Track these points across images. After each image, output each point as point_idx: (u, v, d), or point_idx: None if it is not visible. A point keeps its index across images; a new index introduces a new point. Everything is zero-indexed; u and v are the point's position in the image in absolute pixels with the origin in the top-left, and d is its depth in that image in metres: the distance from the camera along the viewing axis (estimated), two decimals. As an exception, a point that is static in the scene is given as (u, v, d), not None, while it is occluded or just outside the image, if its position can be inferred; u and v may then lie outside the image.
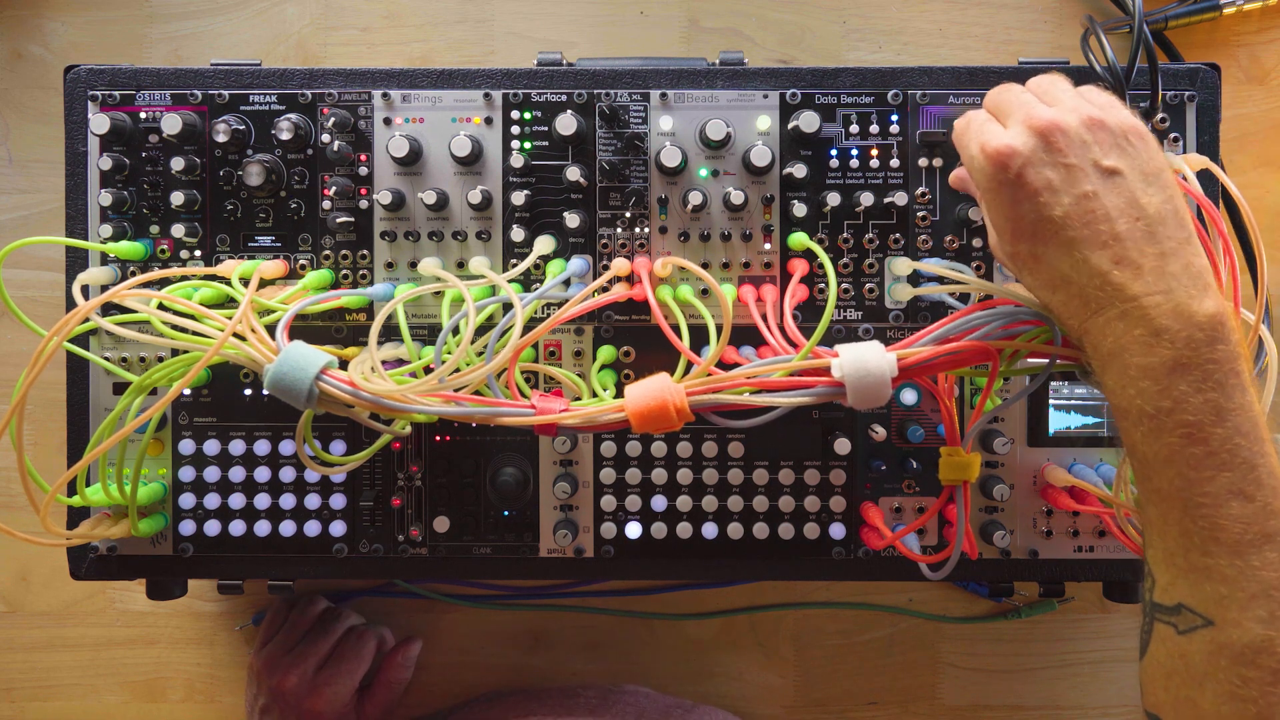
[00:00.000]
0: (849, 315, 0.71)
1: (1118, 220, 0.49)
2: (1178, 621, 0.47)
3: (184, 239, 0.70)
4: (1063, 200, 0.50)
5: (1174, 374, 0.47)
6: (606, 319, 0.71)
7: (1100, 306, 0.49)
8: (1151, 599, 0.49)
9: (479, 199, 0.69)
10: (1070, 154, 0.51)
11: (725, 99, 0.70)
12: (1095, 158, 0.51)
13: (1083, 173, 0.50)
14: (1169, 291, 0.48)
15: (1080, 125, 0.51)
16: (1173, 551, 0.47)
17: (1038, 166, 0.51)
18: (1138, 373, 0.48)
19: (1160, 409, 0.47)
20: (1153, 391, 0.47)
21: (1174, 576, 0.47)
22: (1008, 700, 0.87)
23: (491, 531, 0.72)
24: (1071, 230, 0.50)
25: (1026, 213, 0.51)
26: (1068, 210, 0.50)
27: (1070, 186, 0.50)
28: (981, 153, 0.53)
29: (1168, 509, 0.48)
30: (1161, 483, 0.48)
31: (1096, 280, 0.49)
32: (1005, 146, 0.51)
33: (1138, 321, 0.48)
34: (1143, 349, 0.48)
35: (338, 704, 0.79)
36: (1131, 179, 0.51)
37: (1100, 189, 0.50)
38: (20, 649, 0.88)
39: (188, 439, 0.71)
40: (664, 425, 0.57)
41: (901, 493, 0.71)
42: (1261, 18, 0.85)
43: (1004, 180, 0.51)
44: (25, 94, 0.87)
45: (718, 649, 0.87)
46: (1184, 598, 0.47)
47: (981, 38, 0.86)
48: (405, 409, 0.58)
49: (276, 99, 0.71)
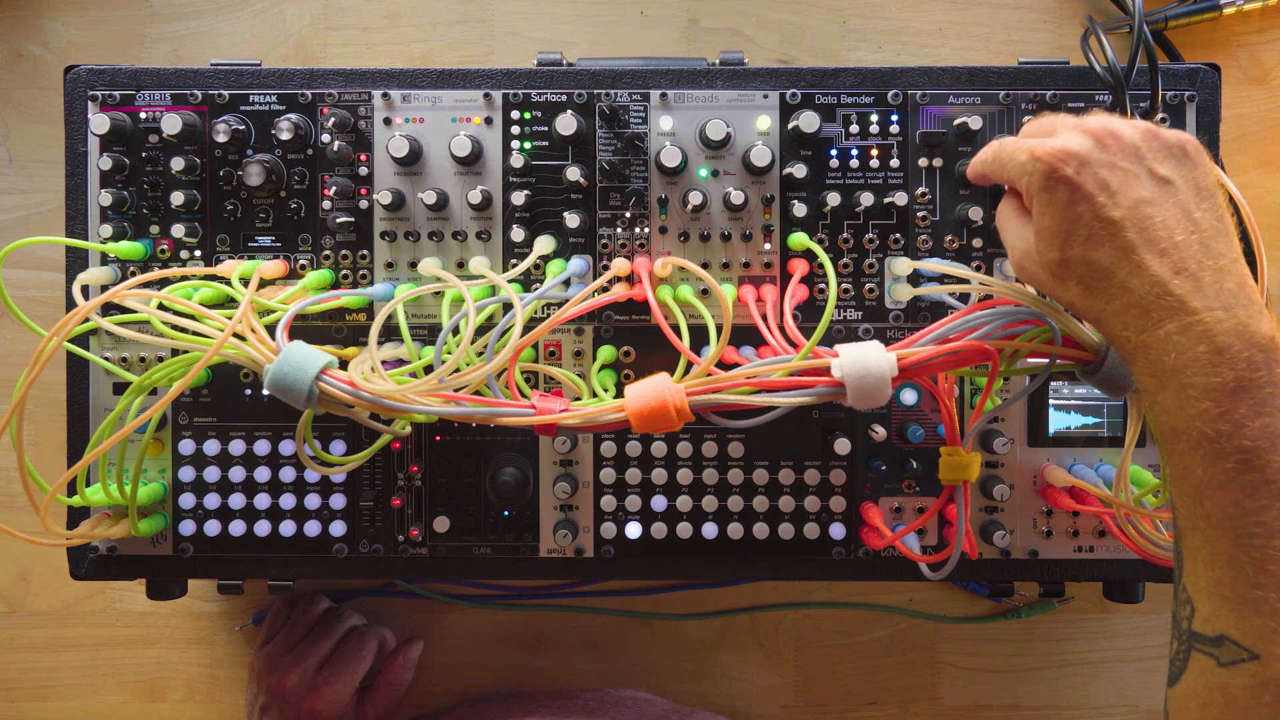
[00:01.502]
0: (849, 315, 0.71)
1: (1175, 229, 0.48)
2: (1220, 654, 0.45)
3: (184, 239, 0.70)
4: (1121, 202, 0.49)
5: (1235, 396, 0.45)
6: (606, 319, 0.71)
7: (1160, 319, 0.47)
8: (1190, 628, 0.47)
9: (479, 199, 0.69)
10: (1125, 158, 0.50)
11: (725, 99, 0.70)
12: (1150, 165, 0.50)
13: (1138, 178, 0.50)
14: (1230, 309, 0.46)
15: (1134, 132, 0.51)
16: (1219, 581, 0.46)
17: (1094, 166, 0.50)
18: (1199, 393, 0.46)
19: (1220, 432, 0.45)
20: (1213, 414, 0.45)
21: (1218, 607, 0.46)
22: (1008, 700, 0.87)
23: (491, 531, 0.72)
24: (1130, 233, 0.49)
25: (1083, 213, 0.50)
26: (1125, 212, 0.49)
27: (1127, 189, 0.49)
28: (1032, 157, 0.51)
29: (1217, 537, 0.46)
30: (1213, 509, 0.46)
31: (1156, 289, 0.48)
32: (1059, 148, 0.50)
33: (1200, 338, 0.46)
34: (1205, 368, 0.46)
35: (338, 704, 0.79)
36: (1184, 191, 0.50)
37: (1155, 196, 0.49)
38: (20, 649, 0.88)
39: (188, 439, 0.71)
40: (664, 425, 0.57)
41: (901, 493, 0.71)
42: (1261, 18, 0.85)
43: (1059, 179, 0.50)
44: (25, 94, 0.87)
45: (718, 649, 0.87)
46: (1228, 629, 0.45)
47: (981, 38, 0.86)
48: (405, 409, 0.58)
49: (276, 99, 0.71)
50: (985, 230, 0.70)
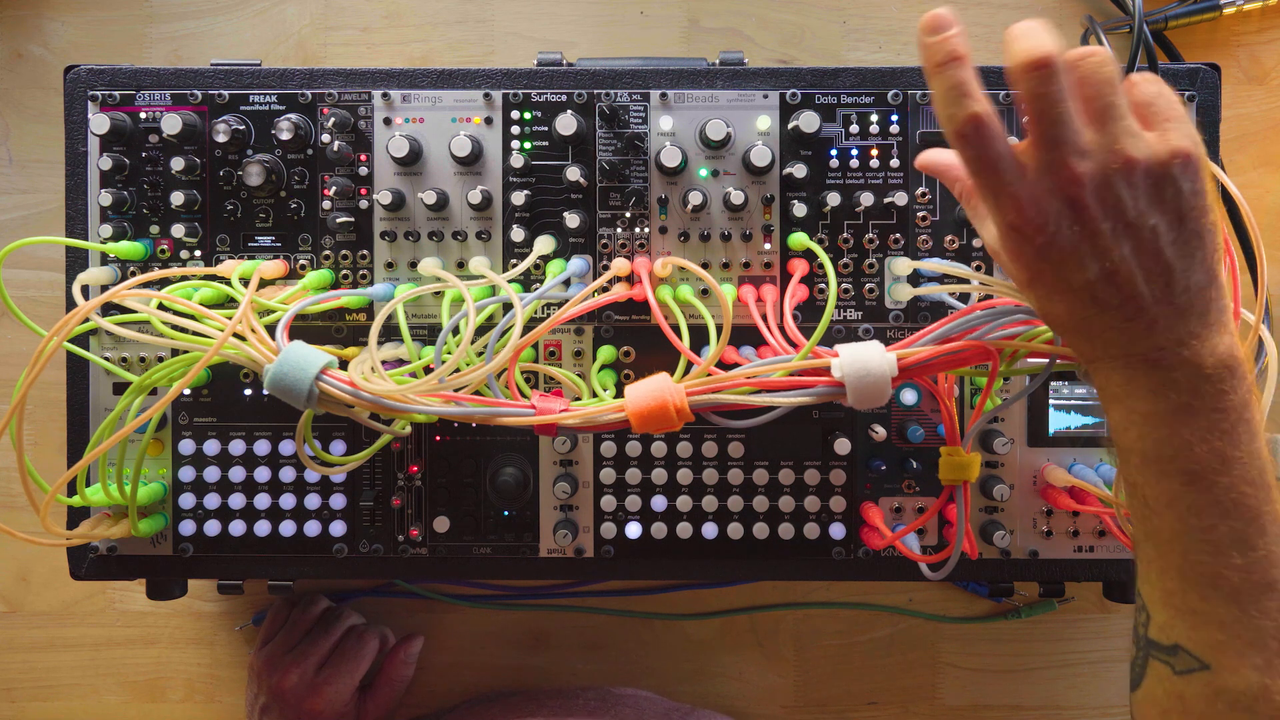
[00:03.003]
0: (849, 315, 0.71)
1: (1140, 283, 0.46)
2: (1174, 662, 0.46)
3: (184, 239, 0.70)
4: (1089, 270, 0.46)
5: (1178, 421, 0.45)
6: (606, 319, 0.71)
7: (1109, 355, 0.48)
8: (1147, 634, 0.48)
9: (479, 199, 0.69)
10: (1100, 219, 0.45)
11: (725, 99, 0.70)
12: (1129, 217, 0.45)
13: (1111, 238, 0.45)
14: (1181, 341, 0.46)
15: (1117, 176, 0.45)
16: (1171, 592, 0.47)
17: (1064, 238, 0.46)
18: (1140, 418, 0.47)
19: (1163, 454, 0.46)
20: (1155, 437, 0.46)
21: (1171, 617, 0.47)
22: (1008, 700, 0.87)
23: (491, 531, 0.72)
24: (1095, 291, 0.46)
25: (1045, 273, 0.47)
26: (1091, 279, 0.46)
27: (1097, 256, 0.46)
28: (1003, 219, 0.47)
29: (1167, 551, 0.46)
30: (1161, 525, 0.46)
31: (1108, 333, 0.47)
32: (1028, 221, 0.46)
33: (1145, 370, 0.46)
34: (1148, 396, 0.46)
35: (338, 704, 0.79)
36: (1164, 231, 0.45)
37: (1128, 251, 0.46)
38: (20, 649, 0.88)
39: (188, 439, 0.71)
40: (664, 425, 0.57)
41: (901, 493, 0.71)
42: (1261, 18, 0.85)
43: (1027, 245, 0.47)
44: (25, 94, 0.87)
45: (718, 649, 0.87)
46: (1181, 639, 0.46)
47: (981, 38, 0.86)
48: (405, 409, 0.58)
49: (276, 99, 0.71)
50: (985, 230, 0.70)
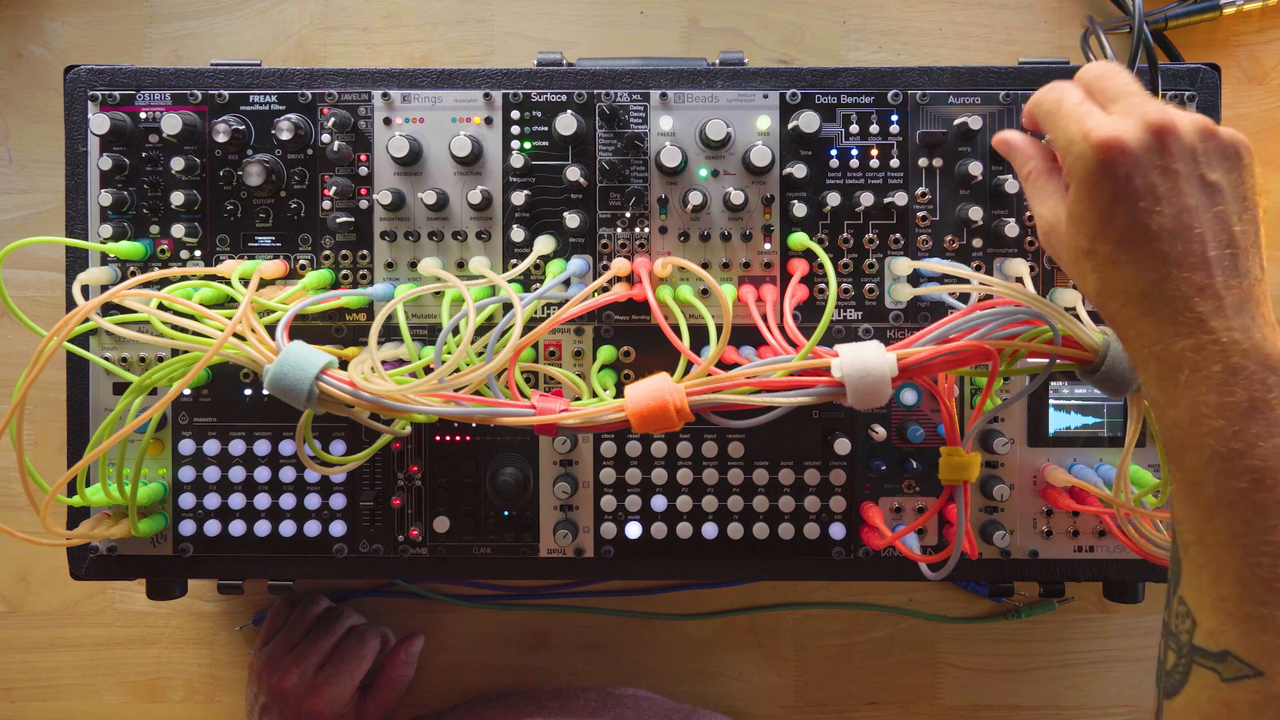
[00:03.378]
0: (849, 315, 0.71)
1: (1210, 244, 0.47)
2: (1222, 669, 0.45)
3: (184, 239, 0.70)
4: (1165, 211, 0.47)
5: (1248, 416, 0.45)
6: (606, 319, 0.71)
7: (1178, 334, 0.47)
8: (1192, 642, 0.47)
9: (479, 199, 0.69)
10: (1180, 161, 0.48)
11: (725, 99, 0.70)
12: (1202, 170, 0.48)
13: (1188, 184, 0.47)
14: (1246, 329, 0.46)
15: (1194, 131, 0.48)
16: (1225, 598, 0.45)
17: (1145, 169, 0.47)
18: (1212, 411, 0.45)
19: (1233, 450, 0.45)
20: (1227, 432, 0.45)
21: (1222, 622, 0.45)
22: (1008, 700, 0.87)
23: (491, 531, 0.72)
24: (1165, 244, 0.47)
25: (1121, 214, 0.48)
26: (1166, 223, 0.47)
27: (1174, 197, 0.47)
28: (1086, 140, 0.48)
29: (1225, 553, 0.45)
30: (1222, 526, 0.45)
31: (1178, 304, 0.46)
32: (1116, 139, 0.47)
33: (1215, 357, 0.46)
34: (1219, 387, 0.45)
35: (338, 704, 0.79)
36: (1229, 199, 0.48)
37: (1200, 204, 0.47)
38: (20, 649, 0.88)
39: (188, 439, 0.71)
40: (664, 425, 0.57)
41: (901, 493, 0.71)
42: (1261, 18, 0.85)
43: (1109, 176, 0.48)
44: (25, 94, 0.87)
45: (718, 649, 0.87)
46: (1232, 645, 0.45)
47: (981, 38, 0.86)
48: (405, 409, 0.58)
49: (276, 99, 0.71)
50: (985, 230, 0.70)
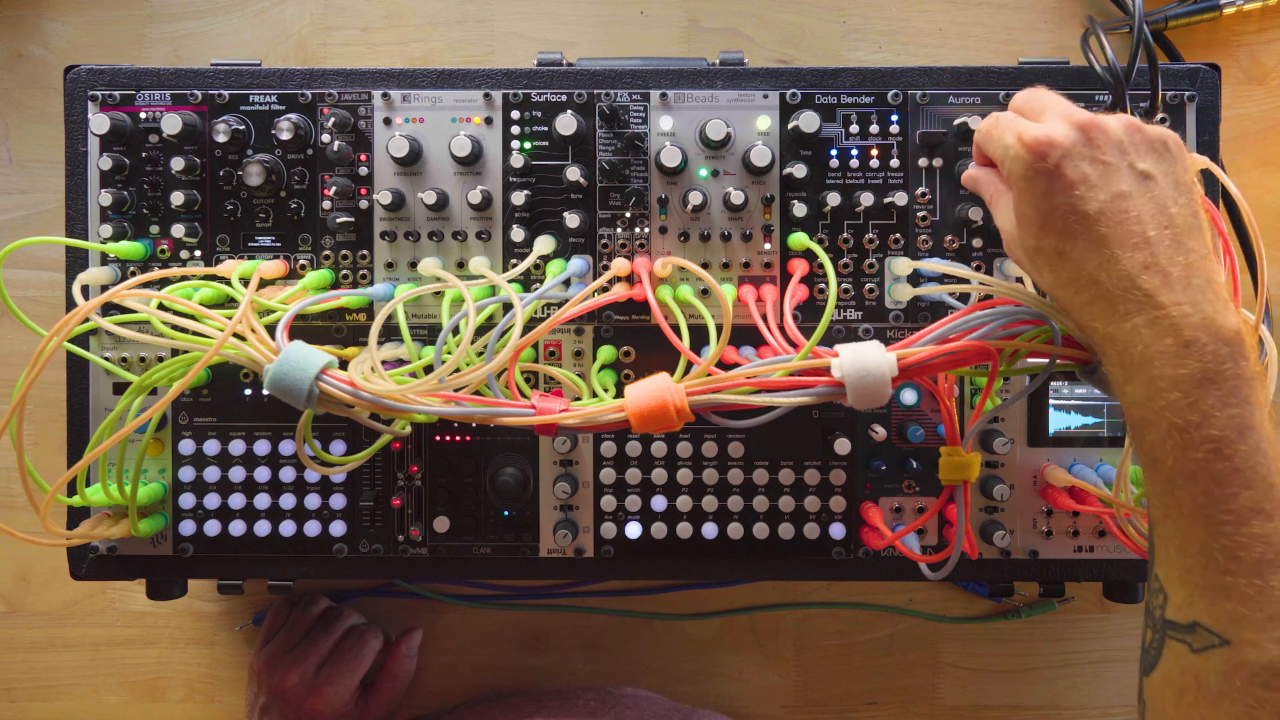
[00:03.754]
0: (849, 315, 0.71)
1: (1149, 224, 0.49)
2: (1192, 640, 0.46)
3: (184, 239, 0.70)
4: (1098, 196, 0.50)
5: (1202, 387, 0.46)
6: (606, 319, 0.71)
7: (1128, 312, 0.49)
8: (1163, 616, 0.48)
9: (479, 199, 0.69)
10: (1108, 151, 0.51)
11: (725, 99, 0.70)
12: (1132, 160, 0.51)
13: (1119, 172, 0.50)
14: (1196, 303, 0.47)
15: (1120, 127, 0.52)
16: (1190, 569, 0.47)
17: (1076, 160, 0.51)
18: (1167, 384, 0.47)
19: (1189, 422, 0.46)
20: (1182, 404, 0.46)
21: (1190, 594, 0.46)
22: (1008, 700, 0.87)
23: (491, 531, 0.72)
24: (1104, 227, 0.49)
25: (1060, 204, 0.51)
26: (1102, 206, 0.50)
27: (1106, 183, 0.50)
28: (1019, 141, 0.52)
29: (1189, 525, 0.47)
30: (1184, 498, 0.47)
31: (1125, 283, 0.49)
32: (1045, 136, 0.51)
33: (1167, 331, 0.47)
34: (1172, 360, 0.47)
35: (339, 703, 0.79)
36: (1164, 185, 0.51)
37: (1134, 190, 0.50)
38: (20, 649, 0.88)
39: (188, 439, 0.71)
40: (664, 425, 0.57)
41: (901, 493, 0.71)
42: (1261, 18, 0.85)
43: (1041, 169, 0.51)
44: (25, 94, 0.87)
45: (718, 649, 0.87)
46: (1200, 616, 0.46)
47: (981, 38, 0.86)
48: (405, 409, 0.58)
49: (276, 99, 0.71)
50: (985, 230, 0.70)
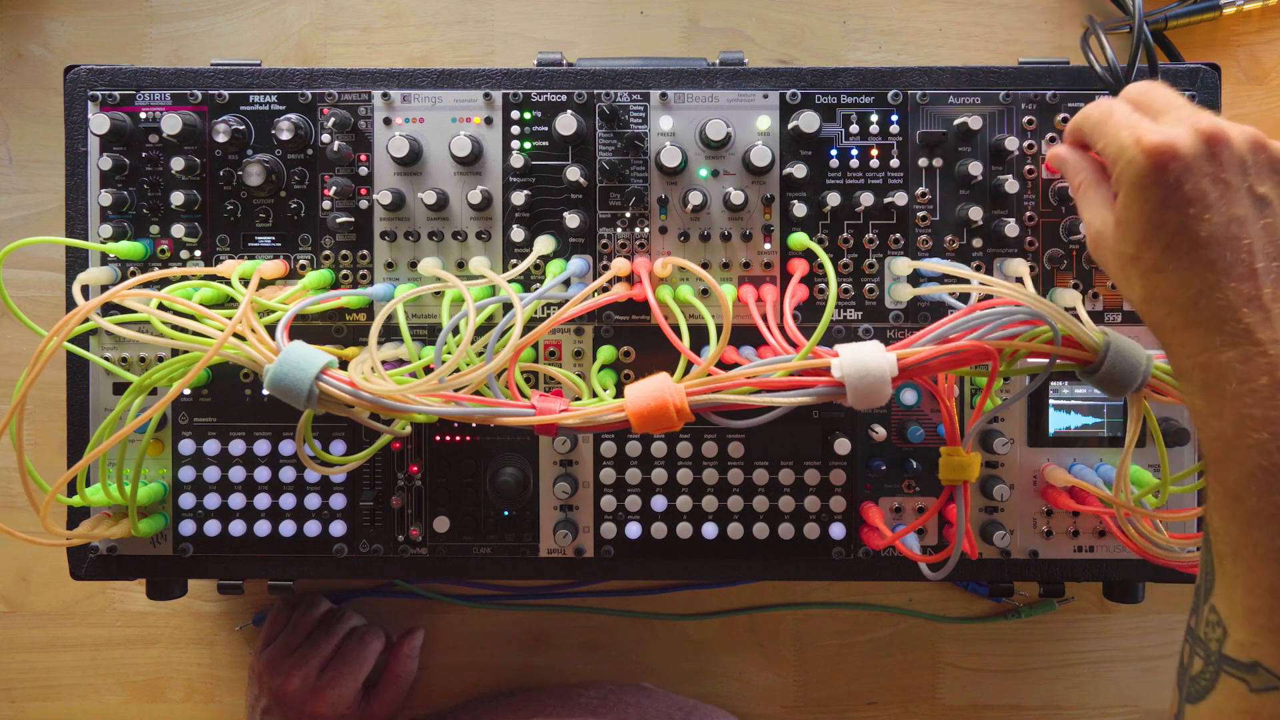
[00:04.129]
0: (849, 315, 0.71)
1: (1258, 255, 0.46)
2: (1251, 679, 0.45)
3: (184, 239, 0.70)
4: (1213, 219, 0.47)
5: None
6: (606, 319, 0.71)
7: (1224, 344, 0.46)
8: (1221, 651, 0.47)
9: (479, 199, 0.69)
10: (1230, 170, 0.48)
11: (725, 99, 0.70)
12: (1252, 182, 0.48)
13: (1238, 194, 0.47)
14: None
15: (1245, 142, 0.48)
16: (1258, 610, 0.45)
17: (1196, 175, 0.47)
18: (1257, 424, 0.45)
19: (1276, 465, 0.44)
20: (1271, 446, 0.44)
21: (1254, 634, 0.45)
22: (1008, 700, 0.87)
23: (491, 531, 0.72)
24: (1213, 252, 0.46)
25: (1171, 220, 0.47)
26: (1214, 230, 0.47)
27: (1224, 205, 0.47)
28: (1137, 144, 0.48)
29: (1261, 567, 0.45)
30: (1260, 539, 0.45)
31: (1223, 314, 0.46)
32: (1169, 144, 0.48)
33: (1263, 370, 0.45)
34: (1266, 401, 0.45)
35: (341, 706, 0.79)
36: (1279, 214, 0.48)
37: (1250, 215, 0.47)
38: (20, 649, 0.88)
39: (188, 439, 0.71)
40: (664, 425, 0.57)
41: (901, 493, 0.71)
42: (1261, 18, 0.85)
43: (1159, 180, 0.48)
44: (25, 94, 0.87)
45: (718, 649, 0.87)
46: (1263, 658, 0.45)
47: (981, 38, 0.86)
48: (405, 409, 0.58)
49: (276, 99, 0.71)
50: (985, 230, 0.70)
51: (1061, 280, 0.70)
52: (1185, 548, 0.64)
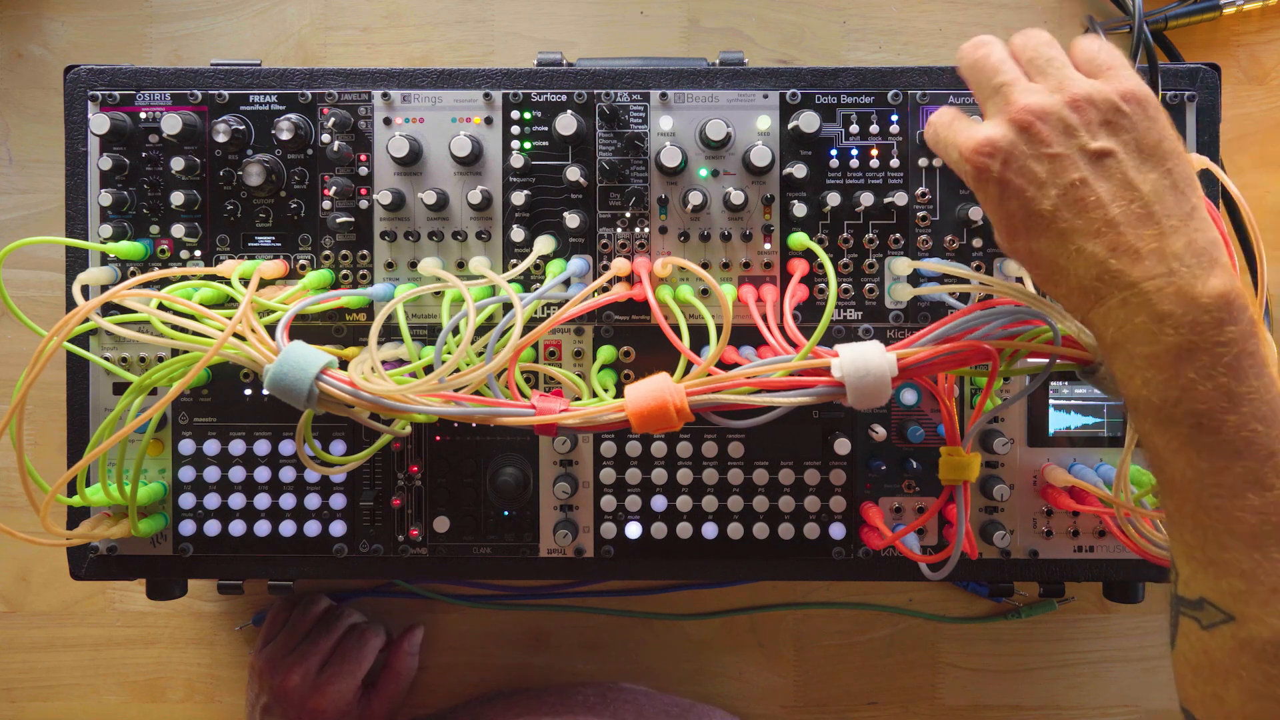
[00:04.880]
0: (849, 315, 0.71)
1: (1110, 205, 0.47)
2: (1200, 616, 0.45)
3: (184, 239, 0.70)
4: (1050, 193, 0.48)
5: (1180, 361, 0.44)
6: (606, 319, 0.71)
7: (1100, 297, 0.47)
8: (1175, 592, 0.47)
9: (479, 199, 0.69)
10: (1054, 142, 0.48)
11: (725, 99, 0.70)
12: (1082, 142, 0.48)
13: (1069, 160, 0.48)
14: (1171, 274, 0.45)
15: (1064, 107, 0.49)
16: (1190, 545, 0.46)
17: (1020, 161, 0.49)
18: (1143, 362, 0.46)
19: (1167, 398, 0.45)
20: (1159, 381, 0.45)
21: (1194, 570, 0.46)
22: (1008, 700, 0.87)
23: (491, 531, 0.72)
24: (1063, 221, 0.48)
25: (1015, 209, 0.49)
26: (1056, 202, 0.48)
27: (1056, 177, 0.48)
28: (961, 156, 0.51)
29: (1182, 501, 0.46)
30: (1174, 474, 0.46)
31: (1094, 270, 0.47)
32: (984, 143, 0.49)
33: (1139, 308, 0.46)
34: (1146, 337, 0.45)
35: (341, 702, 0.79)
36: (1125, 158, 0.48)
37: (1090, 174, 0.48)
38: (20, 649, 0.88)
39: (188, 439, 0.71)
40: (664, 425, 0.57)
41: (901, 493, 0.71)
42: (1261, 18, 0.85)
43: (987, 178, 0.50)
44: (25, 94, 0.87)
45: (718, 649, 0.87)
46: (1205, 592, 0.45)
47: (981, 38, 0.86)
48: (405, 409, 0.58)
49: (276, 99, 0.71)
50: (985, 230, 0.70)
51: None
52: (1185, 548, 0.64)
